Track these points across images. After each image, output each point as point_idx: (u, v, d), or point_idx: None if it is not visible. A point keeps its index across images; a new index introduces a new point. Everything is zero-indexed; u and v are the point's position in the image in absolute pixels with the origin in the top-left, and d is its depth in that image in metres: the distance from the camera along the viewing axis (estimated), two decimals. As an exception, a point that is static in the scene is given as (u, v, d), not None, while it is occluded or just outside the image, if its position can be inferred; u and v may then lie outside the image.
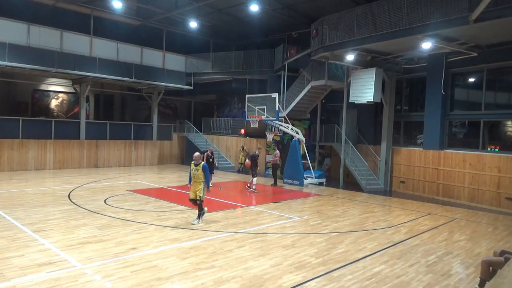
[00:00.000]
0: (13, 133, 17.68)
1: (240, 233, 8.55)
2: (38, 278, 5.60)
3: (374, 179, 16.70)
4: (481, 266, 5.82)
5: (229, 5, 18.36)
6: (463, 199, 14.26)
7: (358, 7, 13.90)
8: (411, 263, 7.06)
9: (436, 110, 15.06)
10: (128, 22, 20.69)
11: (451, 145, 15.20)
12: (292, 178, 16.96)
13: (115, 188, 14.16)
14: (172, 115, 28.25)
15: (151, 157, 23.04)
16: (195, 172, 9.21)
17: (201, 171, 9.13)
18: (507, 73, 14.11)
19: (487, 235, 9.53)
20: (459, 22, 10.94)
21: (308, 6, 17.96)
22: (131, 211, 10.29)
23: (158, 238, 7.93)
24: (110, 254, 6.78)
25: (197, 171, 9.19)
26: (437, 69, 14.80)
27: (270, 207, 11.90)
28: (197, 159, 9.28)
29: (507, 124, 14.33)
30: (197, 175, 9.21)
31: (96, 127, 20.95)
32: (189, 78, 22.46)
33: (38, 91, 22.69)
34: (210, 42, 23.64)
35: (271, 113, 17.08)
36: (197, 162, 9.22)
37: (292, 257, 7.08)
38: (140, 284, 5.58)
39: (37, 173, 17.46)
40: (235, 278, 5.95)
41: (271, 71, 21.14)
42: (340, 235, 8.81)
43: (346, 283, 5.99)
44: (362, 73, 15.46)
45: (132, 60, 19.93)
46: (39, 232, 7.95)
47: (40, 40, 16.79)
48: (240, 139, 22.53)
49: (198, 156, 9.34)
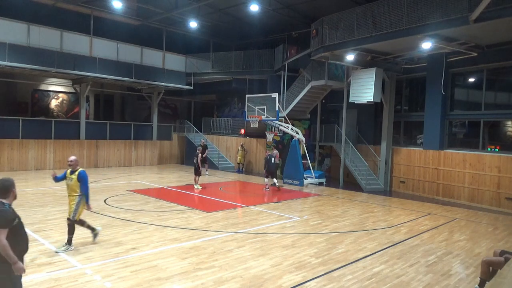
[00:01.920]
0: (13, 133, 17.68)
1: (240, 233, 8.55)
2: (38, 278, 5.60)
3: (374, 179, 16.70)
4: (481, 266, 5.82)
5: (229, 5, 18.36)
6: (463, 199, 14.26)
7: (358, 7, 13.89)
8: (411, 263, 7.06)
9: (436, 110, 15.06)
10: (128, 22, 20.69)
11: (451, 145, 15.20)
12: (292, 178, 16.96)
13: (115, 188, 14.16)
14: (172, 115, 28.24)
15: (151, 157, 23.03)
16: (69, 181, 6.98)
17: (76, 180, 6.92)
18: (507, 73, 14.11)
19: (487, 235, 9.53)
20: (459, 22, 10.94)
21: (308, 6, 17.95)
22: (131, 211, 10.29)
23: (158, 238, 7.93)
24: (110, 254, 6.78)
25: (71, 180, 6.95)
26: (437, 69, 14.80)
27: (270, 207, 11.90)
28: (74, 164, 7.00)
29: (507, 124, 14.33)
30: (71, 185, 6.97)
31: (96, 127, 20.94)
32: (189, 78, 22.47)
33: (38, 91, 22.68)
34: (210, 42, 23.64)
35: (271, 113, 17.08)
36: (73, 169, 7.00)
37: (292, 257, 7.08)
38: (140, 284, 5.58)
39: (37, 173, 17.46)
40: (235, 278, 5.95)
41: (271, 71, 21.14)
42: (340, 235, 8.81)
43: (346, 283, 5.99)
44: (362, 73, 15.46)
45: (132, 60, 19.94)
46: (39, 232, 7.95)
47: (40, 40, 16.80)
48: (240, 139, 22.53)
49: (75, 161, 7.03)
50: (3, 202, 3.85)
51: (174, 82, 21.59)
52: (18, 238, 3.83)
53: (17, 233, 3.82)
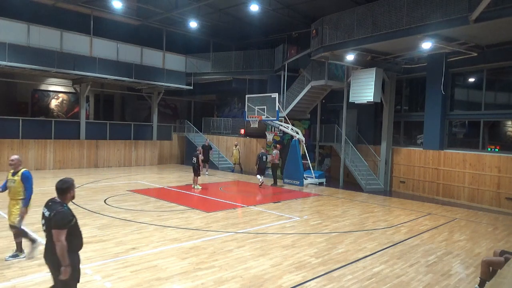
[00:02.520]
0: (13, 133, 17.68)
1: (240, 233, 8.55)
2: (38, 278, 5.60)
3: (374, 179, 16.70)
4: (481, 266, 5.82)
5: (229, 5, 18.36)
6: (463, 199, 14.26)
7: (358, 7, 13.89)
8: (411, 263, 7.06)
9: (436, 110, 15.06)
10: (128, 22, 20.68)
11: (451, 145, 15.20)
12: (292, 178, 16.96)
13: (115, 188, 14.16)
14: (172, 115, 28.24)
15: (151, 157, 23.03)
16: (11, 183, 6.23)
17: (20, 181, 6.20)
18: (507, 73, 14.11)
19: (487, 235, 9.53)
20: (459, 22, 10.94)
21: (308, 6, 17.95)
22: (131, 211, 10.29)
23: (158, 238, 7.93)
24: (110, 254, 6.79)
25: (14, 182, 6.21)
26: (437, 69, 14.79)
27: (270, 207, 11.90)
28: (16, 164, 6.26)
29: (507, 124, 14.33)
30: (14, 188, 6.23)
31: (96, 127, 20.95)
32: (189, 78, 22.46)
33: (38, 91, 22.68)
34: (210, 42, 23.63)
35: (271, 113, 17.08)
36: (15, 169, 6.25)
37: (292, 257, 7.08)
38: (140, 284, 5.58)
39: (37, 173, 17.45)
40: (235, 278, 5.95)
41: (271, 71, 21.13)
42: (340, 235, 8.81)
43: (346, 283, 5.99)
44: (362, 73, 15.46)
45: (132, 60, 19.94)
46: (39, 232, 7.94)
47: (40, 40, 16.80)
48: (240, 139, 22.53)
49: (17, 160, 6.28)
50: (62, 203, 3.94)
51: (174, 82, 21.59)
52: (74, 236, 3.94)
53: (74, 232, 3.93)
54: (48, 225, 3.89)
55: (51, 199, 4.04)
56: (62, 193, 3.98)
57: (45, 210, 3.98)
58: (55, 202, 3.97)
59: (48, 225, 3.89)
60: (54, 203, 3.95)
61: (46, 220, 3.93)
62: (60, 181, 4.03)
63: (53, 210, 3.86)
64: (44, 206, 4.03)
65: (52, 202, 3.99)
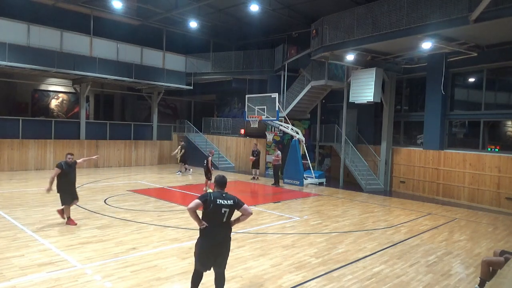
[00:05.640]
0: (13, 133, 17.67)
1: (240, 233, 8.54)
2: (38, 278, 5.60)
3: (374, 179, 16.70)
4: (481, 266, 5.82)
5: (229, 5, 18.35)
6: (463, 199, 14.26)
7: (358, 7, 13.89)
8: (411, 263, 7.06)
9: (436, 110, 15.06)
10: (128, 22, 20.67)
11: (451, 145, 15.20)
12: (292, 178, 16.96)
13: (115, 188, 14.16)
14: (172, 115, 28.24)
15: (151, 157, 23.03)
16: None
17: None
18: (507, 73, 14.11)
19: (487, 235, 9.53)
20: (459, 22, 10.94)
21: (308, 6, 17.95)
22: (131, 211, 10.28)
23: (158, 238, 7.93)
24: (110, 254, 6.78)
25: None
26: (437, 69, 14.80)
27: (270, 207, 11.90)
28: None
29: (507, 124, 14.33)
30: None
31: (96, 127, 20.94)
32: (189, 78, 22.45)
33: (38, 91, 22.68)
34: (210, 42, 23.63)
35: (271, 113, 17.08)
36: None
37: (292, 257, 7.08)
38: (140, 284, 5.58)
39: (37, 173, 17.46)
40: (235, 278, 5.95)
41: (271, 71, 21.14)
42: (340, 235, 8.81)
43: (346, 283, 5.99)
44: (362, 73, 15.46)
45: (132, 60, 19.93)
46: (39, 232, 7.95)
47: (40, 40, 16.78)
48: (240, 139, 22.53)
49: None
50: (221, 192, 4.89)
51: (174, 82, 21.58)
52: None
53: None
54: (233, 209, 4.82)
55: (220, 192, 4.86)
56: (224, 185, 4.94)
57: (223, 201, 4.73)
58: (224, 192, 4.86)
59: (233, 209, 4.82)
60: (226, 193, 4.85)
61: (230, 207, 4.77)
62: (223, 177, 5.00)
63: (231, 198, 4.80)
64: (218, 199, 4.72)
65: (225, 194, 4.84)
